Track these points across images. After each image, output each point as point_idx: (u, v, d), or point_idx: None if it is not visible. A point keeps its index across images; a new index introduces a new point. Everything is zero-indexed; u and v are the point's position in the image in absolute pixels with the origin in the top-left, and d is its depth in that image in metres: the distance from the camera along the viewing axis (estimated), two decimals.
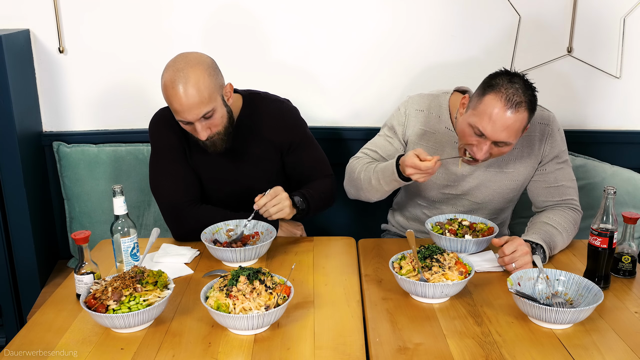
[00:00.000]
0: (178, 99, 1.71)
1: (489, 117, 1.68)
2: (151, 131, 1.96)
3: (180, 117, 1.76)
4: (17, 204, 2.31)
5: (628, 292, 1.61)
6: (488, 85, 1.71)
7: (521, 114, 1.67)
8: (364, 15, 2.41)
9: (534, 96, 1.71)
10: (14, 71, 2.24)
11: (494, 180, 1.97)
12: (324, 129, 2.51)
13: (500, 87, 1.68)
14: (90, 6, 2.38)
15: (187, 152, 1.94)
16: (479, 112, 1.70)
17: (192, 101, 1.71)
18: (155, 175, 1.92)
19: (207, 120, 1.77)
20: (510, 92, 1.66)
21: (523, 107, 1.67)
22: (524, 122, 1.70)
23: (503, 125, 1.67)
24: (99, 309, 1.38)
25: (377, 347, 1.35)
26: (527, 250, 1.66)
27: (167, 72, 1.74)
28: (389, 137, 2.03)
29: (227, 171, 1.97)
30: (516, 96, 1.66)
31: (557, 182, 1.92)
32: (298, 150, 2.01)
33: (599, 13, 2.39)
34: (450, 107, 1.96)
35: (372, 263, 1.77)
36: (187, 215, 1.87)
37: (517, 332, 1.40)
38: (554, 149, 1.92)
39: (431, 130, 1.97)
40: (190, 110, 1.73)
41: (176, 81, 1.71)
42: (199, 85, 1.72)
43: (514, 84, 1.68)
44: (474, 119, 1.72)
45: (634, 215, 1.64)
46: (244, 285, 1.41)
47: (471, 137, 1.74)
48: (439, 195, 2.03)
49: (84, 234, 1.51)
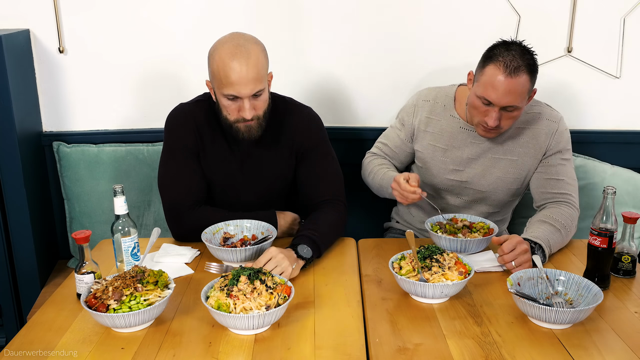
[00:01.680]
0: (237, 72, 1.71)
1: (492, 85, 1.79)
2: (167, 126, 1.93)
3: (234, 91, 1.74)
4: (17, 204, 2.31)
5: (628, 292, 1.61)
6: (487, 57, 1.83)
7: (521, 77, 1.77)
8: (370, 15, 2.42)
9: (532, 59, 1.80)
10: (14, 71, 2.24)
11: (498, 167, 2.01)
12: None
13: (498, 56, 1.79)
14: (90, 6, 2.39)
15: (201, 153, 1.92)
16: (482, 83, 1.82)
17: (251, 76, 1.72)
18: (163, 175, 1.91)
19: (255, 99, 1.77)
20: (508, 59, 1.77)
21: (522, 70, 1.77)
22: (526, 85, 1.79)
23: (506, 90, 1.77)
24: (99, 309, 1.38)
25: (376, 348, 1.35)
26: (526, 248, 1.67)
27: (223, 46, 1.74)
28: (398, 129, 2.15)
29: (239, 174, 1.95)
30: (514, 62, 1.76)
31: (558, 175, 1.96)
32: (312, 156, 1.94)
33: (598, 13, 2.39)
34: (457, 97, 2.07)
35: (372, 263, 1.77)
36: (186, 216, 1.87)
37: (517, 332, 1.41)
38: (559, 144, 1.97)
39: (436, 118, 2.07)
40: (247, 84, 1.73)
41: (237, 54, 1.71)
42: (258, 62, 1.73)
43: (510, 51, 1.79)
44: (480, 90, 1.83)
45: (634, 215, 1.64)
46: (244, 285, 1.41)
47: (481, 107, 1.85)
48: (444, 182, 2.06)
49: (85, 234, 1.52)
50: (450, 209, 2.10)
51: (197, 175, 1.91)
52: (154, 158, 2.43)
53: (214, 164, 1.93)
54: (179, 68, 2.46)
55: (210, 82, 1.83)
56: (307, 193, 1.96)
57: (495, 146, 2.00)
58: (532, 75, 1.80)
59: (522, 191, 2.09)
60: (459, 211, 2.08)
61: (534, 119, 1.99)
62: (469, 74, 1.94)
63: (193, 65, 2.44)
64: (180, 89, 2.45)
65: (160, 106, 2.39)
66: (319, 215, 1.86)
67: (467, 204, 2.08)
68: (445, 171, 2.05)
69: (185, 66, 2.46)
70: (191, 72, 2.45)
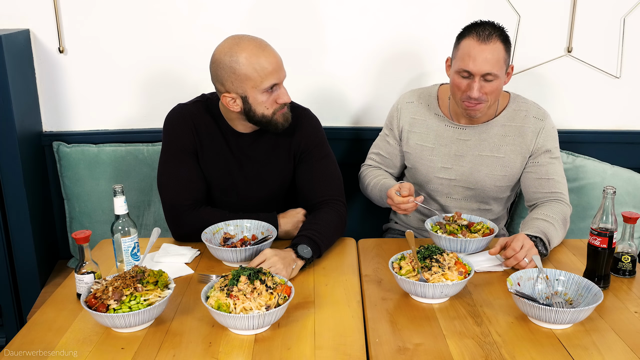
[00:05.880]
0: (271, 58, 1.77)
1: (469, 55, 1.86)
2: (166, 127, 1.93)
3: (274, 78, 1.78)
4: (17, 204, 2.31)
5: (628, 292, 1.61)
6: (460, 36, 1.92)
7: (495, 43, 1.85)
8: (373, 17, 2.42)
9: (504, 32, 1.89)
10: (14, 71, 2.24)
11: (486, 164, 2.03)
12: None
13: (471, 30, 1.89)
14: (90, 6, 2.39)
15: (199, 153, 1.92)
16: (459, 57, 1.89)
17: (280, 60, 1.80)
18: (162, 175, 1.91)
19: None
20: (479, 30, 1.87)
21: (495, 37, 1.85)
22: (501, 53, 1.87)
23: (483, 58, 1.84)
24: (99, 309, 1.38)
25: (376, 348, 1.35)
26: (531, 243, 1.69)
27: (242, 43, 1.77)
28: (386, 134, 2.18)
29: (238, 175, 1.95)
30: (486, 31, 1.86)
31: (548, 175, 1.98)
32: (311, 157, 1.95)
33: (598, 13, 2.39)
34: (439, 96, 2.11)
35: (372, 263, 1.77)
36: (186, 216, 1.87)
37: (517, 333, 1.41)
38: (546, 142, 2.00)
39: (421, 117, 2.11)
40: (281, 68, 1.80)
41: (261, 45, 1.77)
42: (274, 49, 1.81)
43: (481, 25, 1.89)
44: (458, 64, 1.90)
45: (634, 215, 1.64)
46: (244, 285, 1.41)
47: (462, 82, 1.90)
48: (434, 181, 2.09)
49: (85, 234, 1.52)
50: (443, 210, 2.11)
51: (197, 175, 1.91)
52: (154, 158, 2.44)
53: (212, 164, 1.93)
54: (179, 68, 2.47)
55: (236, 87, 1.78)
56: (306, 194, 1.96)
57: (482, 143, 2.02)
58: (506, 44, 1.88)
59: (514, 188, 2.11)
60: (451, 211, 2.09)
61: (519, 116, 2.02)
62: (446, 61, 2.00)
63: (193, 66, 2.44)
64: (180, 89, 2.45)
65: (160, 106, 2.39)
66: (319, 215, 1.86)
67: (458, 202, 2.10)
68: (434, 169, 2.08)
69: (185, 66, 2.46)
70: (191, 72, 2.45)
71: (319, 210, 1.88)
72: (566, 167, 2.36)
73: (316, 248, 1.74)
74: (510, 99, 2.06)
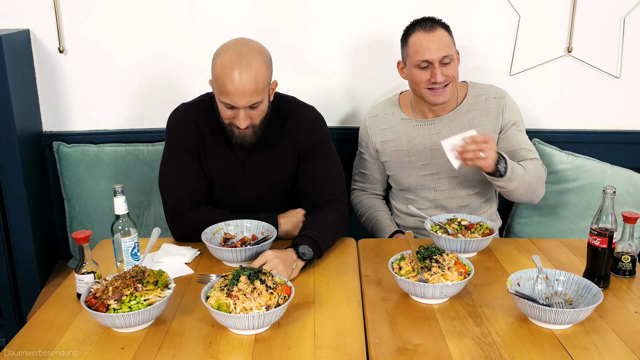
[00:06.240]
0: (234, 83, 1.69)
1: (420, 46, 1.97)
2: (168, 127, 1.93)
3: (229, 100, 1.73)
4: (17, 204, 2.31)
5: (628, 292, 1.61)
6: (405, 35, 2.04)
7: (439, 30, 1.98)
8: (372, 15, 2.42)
9: (441, 20, 2.02)
10: (14, 71, 2.24)
11: None
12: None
13: (414, 26, 2.00)
14: (90, 6, 2.38)
15: (202, 154, 1.92)
16: (412, 53, 2.00)
17: (248, 88, 1.70)
18: (164, 174, 1.91)
19: (251, 110, 1.76)
20: (421, 24, 1.99)
21: (437, 25, 1.99)
22: (448, 37, 2.00)
23: (433, 44, 1.96)
24: (99, 309, 1.38)
25: (376, 348, 1.35)
26: (494, 146, 1.79)
27: (226, 53, 1.72)
28: (362, 152, 2.26)
29: (240, 174, 1.95)
30: (427, 22, 1.99)
31: (519, 145, 2.07)
32: (314, 156, 1.93)
33: (598, 13, 2.39)
34: (401, 102, 2.19)
35: (372, 263, 1.77)
36: (186, 216, 1.87)
37: (517, 333, 1.41)
38: (511, 116, 2.10)
39: (389, 126, 2.17)
40: (243, 96, 1.71)
41: (237, 65, 1.69)
42: (258, 75, 1.71)
43: (420, 20, 2.01)
44: (414, 58, 1.99)
45: (634, 215, 1.64)
46: (244, 285, 1.41)
47: (422, 73, 2.00)
48: (418, 180, 2.14)
49: (85, 234, 1.52)
50: (436, 204, 2.13)
51: (198, 175, 1.91)
52: (154, 158, 2.44)
53: (214, 164, 1.93)
54: (179, 68, 2.46)
55: (213, 86, 1.81)
56: (308, 193, 1.95)
57: (452, 132, 2.08)
58: (448, 31, 2.01)
59: None
60: (443, 203, 2.13)
61: (481, 100, 2.11)
62: (397, 65, 2.11)
63: (193, 66, 2.44)
64: (180, 89, 2.45)
65: (160, 106, 2.39)
66: (320, 215, 1.85)
67: (447, 193, 2.13)
68: (415, 168, 2.13)
69: (185, 66, 2.46)
70: (191, 73, 2.45)
71: (321, 210, 1.88)
72: (566, 167, 2.37)
73: (317, 248, 1.73)
74: (469, 86, 2.15)
